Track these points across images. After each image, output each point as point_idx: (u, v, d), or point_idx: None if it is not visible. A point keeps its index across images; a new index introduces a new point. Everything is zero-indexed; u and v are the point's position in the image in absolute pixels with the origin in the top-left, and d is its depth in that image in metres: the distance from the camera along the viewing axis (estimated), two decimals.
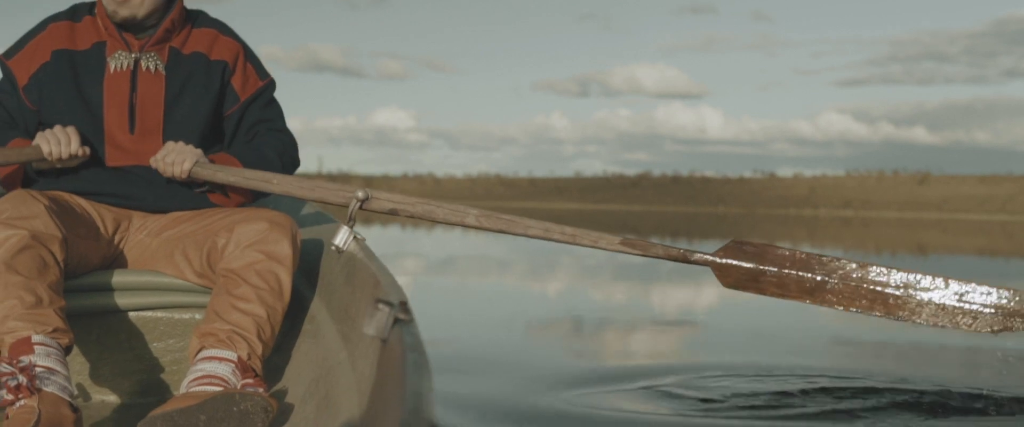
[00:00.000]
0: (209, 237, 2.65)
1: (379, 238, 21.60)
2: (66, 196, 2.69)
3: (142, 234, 2.78)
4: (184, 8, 2.84)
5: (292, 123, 2.85)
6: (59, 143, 2.56)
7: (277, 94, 2.96)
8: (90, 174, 2.75)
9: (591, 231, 2.50)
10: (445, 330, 6.90)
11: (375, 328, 1.82)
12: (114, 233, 2.75)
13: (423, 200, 2.57)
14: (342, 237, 2.56)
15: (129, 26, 2.76)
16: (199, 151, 2.66)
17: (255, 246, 2.54)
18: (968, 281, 2.63)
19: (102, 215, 2.73)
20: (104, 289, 2.68)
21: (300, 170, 3.02)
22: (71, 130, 2.60)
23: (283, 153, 2.84)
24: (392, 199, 2.61)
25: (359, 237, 2.58)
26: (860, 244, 29.55)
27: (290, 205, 3.53)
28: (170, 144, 2.63)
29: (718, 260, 2.54)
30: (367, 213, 2.66)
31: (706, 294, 11.72)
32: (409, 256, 16.43)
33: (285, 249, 2.55)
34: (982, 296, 2.61)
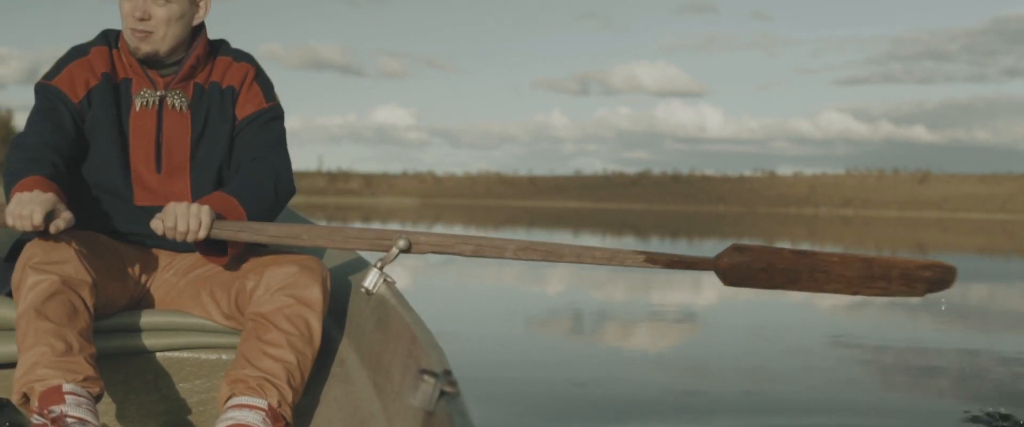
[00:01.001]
0: (237, 279, 2.60)
1: None
2: (93, 236, 2.63)
3: (168, 273, 2.74)
4: (208, 41, 2.78)
5: (292, 121, 2.82)
6: (21, 218, 2.33)
7: (279, 92, 2.88)
8: (117, 212, 2.69)
9: (617, 250, 2.54)
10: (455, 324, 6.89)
11: (420, 400, 1.75)
12: (140, 273, 2.71)
13: (462, 238, 2.52)
14: (372, 280, 2.50)
15: (152, 62, 2.70)
16: (207, 208, 2.47)
17: (285, 290, 2.50)
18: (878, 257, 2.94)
19: (128, 255, 2.69)
20: (131, 330, 2.65)
21: (300, 168, 2.99)
22: (36, 204, 2.33)
23: (278, 180, 2.70)
24: (432, 241, 2.54)
25: (389, 280, 2.51)
26: (860, 243, 29.55)
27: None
28: (172, 205, 2.43)
29: (723, 262, 2.69)
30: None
31: (706, 294, 11.72)
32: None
33: (315, 294, 2.51)
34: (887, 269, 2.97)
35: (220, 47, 2.81)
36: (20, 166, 2.50)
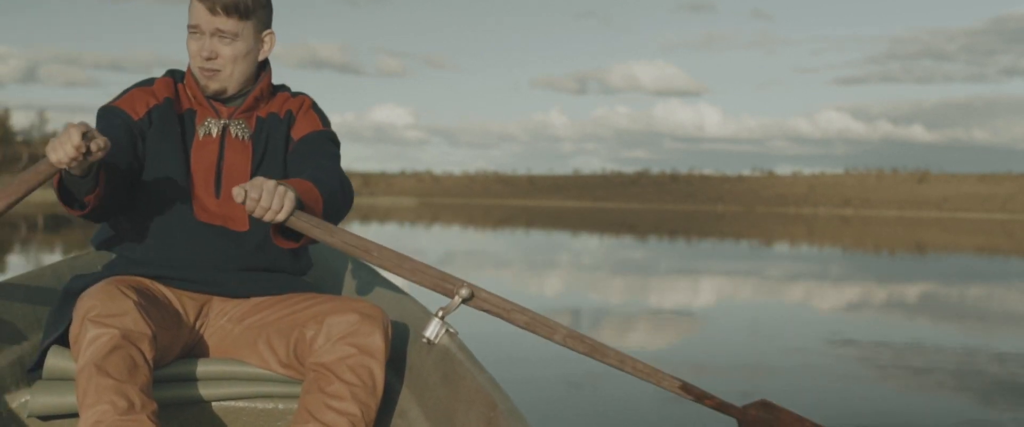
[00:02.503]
0: (296, 327, 2.57)
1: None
2: (147, 283, 2.62)
3: (223, 320, 2.70)
4: (271, 81, 2.81)
5: None
6: (62, 144, 2.28)
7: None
8: (175, 230, 2.68)
9: (656, 369, 2.52)
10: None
11: None
12: (194, 320, 2.67)
13: (519, 308, 2.49)
14: (433, 330, 2.42)
15: (220, 97, 2.73)
16: (293, 193, 2.42)
17: (346, 339, 2.47)
18: None
19: (183, 302, 2.65)
20: (188, 379, 2.60)
21: None
22: (70, 124, 2.32)
23: (343, 184, 2.70)
24: (493, 302, 2.51)
25: (452, 331, 2.45)
26: (860, 243, 29.57)
27: (361, 277, 3.42)
28: (260, 180, 2.35)
29: (753, 414, 2.65)
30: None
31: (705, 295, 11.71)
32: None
33: (378, 342, 2.48)
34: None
35: (280, 86, 2.85)
36: None
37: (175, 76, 2.79)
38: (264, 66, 2.78)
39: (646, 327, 8.13)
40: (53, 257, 15.03)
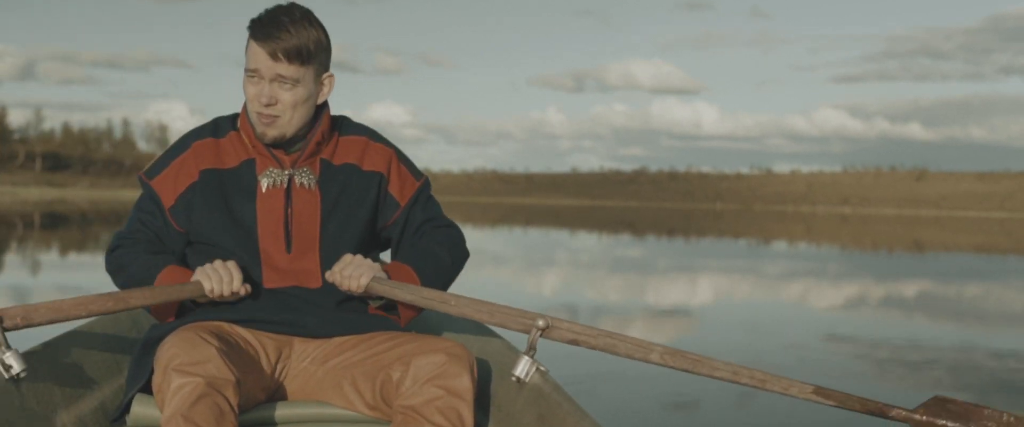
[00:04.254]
0: (381, 368, 2.51)
1: None
2: (227, 328, 2.56)
3: (305, 362, 2.64)
4: (331, 117, 2.73)
5: None
6: (222, 281, 2.42)
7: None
8: (249, 300, 2.61)
9: (781, 377, 2.38)
10: None
11: None
12: (276, 362, 2.61)
13: (605, 332, 2.45)
14: (523, 368, 2.40)
15: (278, 143, 2.64)
16: (377, 265, 2.49)
17: (434, 381, 2.42)
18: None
19: (263, 344, 2.59)
20: (274, 423, 2.55)
21: None
22: (232, 265, 2.45)
23: (453, 249, 2.71)
24: (573, 329, 2.47)
25: (542, 368, 2.42)
26: (858, 241, 29.59)
27: (441, 318, 3.36)
28: (348, 257, 2.52)
29: (920, 418, 2.42)
30: None
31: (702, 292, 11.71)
32: None
33: (466, 383, 2.41)
34: None
35: (343, 123, 2.78)
36: (144, 259, 2.56)
37: (220, 126, 2.70)
38: (323, 107, 2.68)
39: (644, 325, 8.13)
40: (50, 255, 15.02)
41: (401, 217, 2.71)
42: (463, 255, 2.76)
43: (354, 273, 2.44)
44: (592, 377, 5.39)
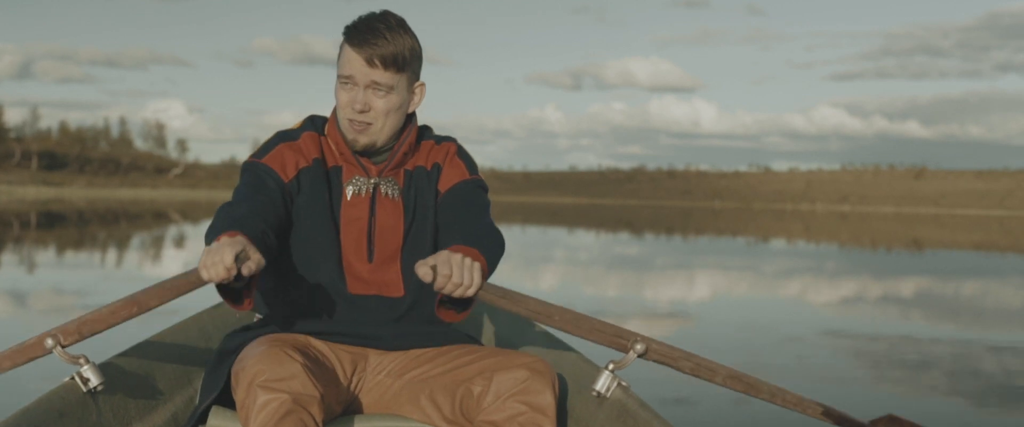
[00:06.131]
0: (461, 382, 2.50)
1: None
2: (304, 341, 2.55)
3: (381, 375, 2.62)
4: (417, 133, 2.72)
5: (285, 117, 2.71)
6: (213, 265, 2.19)
7: (272, 87, 2.85)
8: (329, 303, 2.61)
9: (803, 397, 2.52)
10: None
11: None
12: (351, 375, 2.60)
13: (688, 355, 2.45)
14: (604, 382, 2.42)
15: (367, 151, 2.63)
16: (479, 266, 2.29)
17: (516, 397, 2.40)
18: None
19: (339, 357, 2.58)
20: None
21: None
22: (225, 246, 2.21)
23: (497, 242, 2.56)
24: (666, 353, 2.47)
25: (624, 383, 2.42)
26: (857, 239, 29.59)
27: (512, 325, 3.36)
28: (457, 258, 2.23)
29: None
30: None
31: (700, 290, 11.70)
32: None
33: (548, 399, 2.40)
34: None
35: (424, 132, 2.75)
36: (220, 224, 2.39)
37: (316, 125, 2.67)
38: (412, 117, 2.66)
39: (642, 322, 8.12)
40: (47, 255, 15.01)
41: (442, 201, 2.66)
42: (501, 248, 2.61)
43: (465, 280, 2.24)
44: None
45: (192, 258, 15.00)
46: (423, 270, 2.17)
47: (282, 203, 2.53)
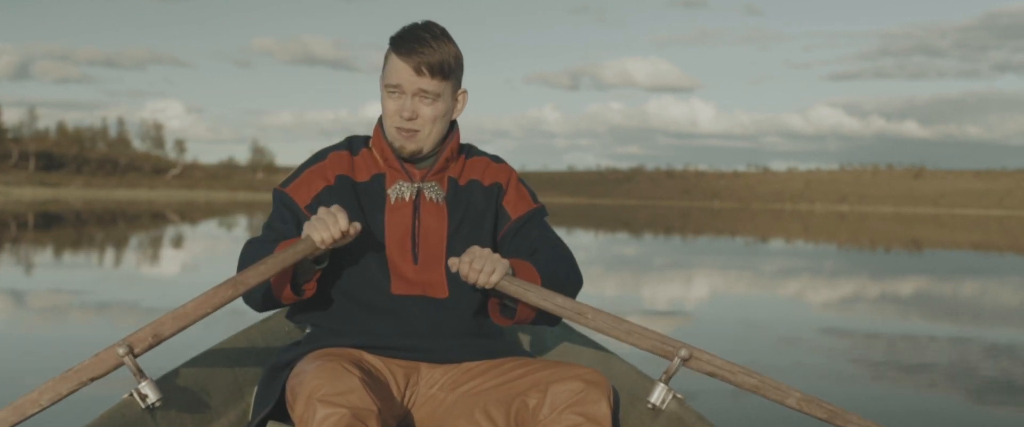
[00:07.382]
0: (516, 395, 2.49)
1: None
2: (358, 355, 2.57)
3: (433, 388, 2.63)
4: (459, 140, 2.79)
5: (284, 117, 2.74)
6: (327, 226, 2.37)
7: (271, 87, 2.87)
8: (374, 305, 2.64)
9: None
10: None
11: None
12: (404, 389, 2.61)
13: (745, 369, 2.42)
14: (659, 395, 2.40)
15: (412, 157, 2.69)
16: (507, 262, 2.46)
17: (572, 409, 2.39)
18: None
19: (392, 371, 2.59)
20: None
21: (291, 163, 2.90)
22: (336, 208, 2.41)
23: (570, 271, 2.71)
24: (713, 363, 2.43)
25: (679, 396, 2.41)
26: (856, 239, 29.60)
27: (564, 337, 3.34)
28: (476, 249, 2.46)
29: None
30: None
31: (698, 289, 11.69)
32: None
33: (604, 410, 2.39)
34: None
35: (470, 148, 2.84)
36: (264, 247, 2.51)
37: (354, 143, 2.75)
38: (454, 125, 2.74)
39: (640, 322, 8.11)
40: (45, 256, 15.00)
41: (511, 230, 2.72)
42: (578, 279, 2.75)
43: (486, 267, 2.41)
44: None
45: (191, 258, 15.00)
46: (453, 261, 2.42)
47: (298, 230, 2.60)
